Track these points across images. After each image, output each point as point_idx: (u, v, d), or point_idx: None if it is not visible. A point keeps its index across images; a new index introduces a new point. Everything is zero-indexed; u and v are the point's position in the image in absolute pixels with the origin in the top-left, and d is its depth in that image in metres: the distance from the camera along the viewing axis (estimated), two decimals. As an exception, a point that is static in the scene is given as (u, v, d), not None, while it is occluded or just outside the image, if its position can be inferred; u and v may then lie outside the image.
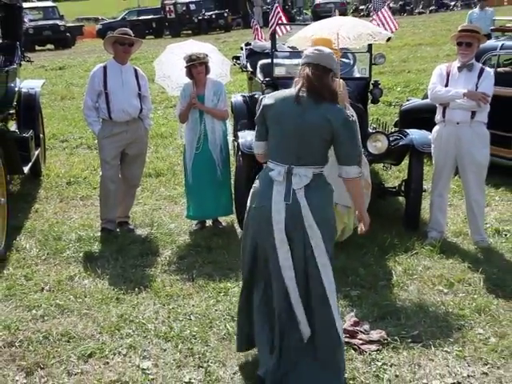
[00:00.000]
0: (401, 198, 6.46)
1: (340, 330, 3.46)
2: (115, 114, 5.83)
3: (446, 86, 5.51)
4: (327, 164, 3.49)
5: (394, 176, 7.44)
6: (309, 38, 5.20)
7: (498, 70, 7.41)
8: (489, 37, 8.47)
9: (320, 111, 3.28)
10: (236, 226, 6.15)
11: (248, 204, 3.57)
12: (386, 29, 6.40)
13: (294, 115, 3.34)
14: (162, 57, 6.58)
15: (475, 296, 4.60)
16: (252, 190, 3.56)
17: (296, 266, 3.40)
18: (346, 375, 3.62)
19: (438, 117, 5.62)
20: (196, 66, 5.82)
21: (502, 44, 7.53)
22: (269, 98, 3.49)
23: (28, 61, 8.50)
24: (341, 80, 5.36)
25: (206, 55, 5.92)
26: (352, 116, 3.40)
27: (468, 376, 3.63)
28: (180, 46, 6.49)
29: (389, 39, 6.10)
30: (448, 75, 5.55)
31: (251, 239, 3.55)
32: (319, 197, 3.37)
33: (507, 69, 7.96)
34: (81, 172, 8.20)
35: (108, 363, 3.84)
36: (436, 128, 5.66)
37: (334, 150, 3.40)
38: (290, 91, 3.43)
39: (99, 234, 5.99)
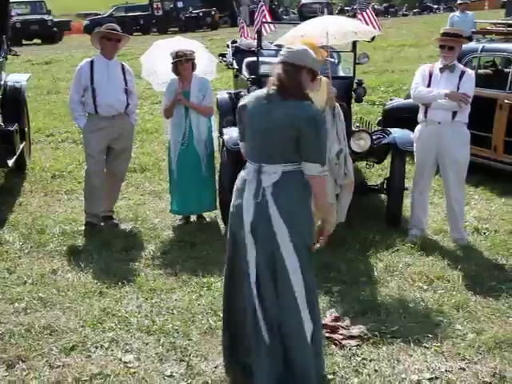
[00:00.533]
0: (383, 196, 6.47)
1: (308, 332, 3.33)
2: (101, 109, 5.78)
3: (429, 86, 5.53)
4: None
5: (377, 174, 7.46)
6: (298, 37, 5.18)
7: (479, 71, 7.46)
8: (470, 39, 8.52)
9: (286, 108, 3.24)
10: (220, 221, 6.13)
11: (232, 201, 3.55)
12: (374, 27, 6.40)
13: (262, 114, 3.31)
14: (148, 53, 6.53)
15: (454, 293, 4.62)
16: (234, 188, 3.55)
17: (265, 265, 3.33)
18: (327, 369, 3.62)
19: (420, 116, 5.64)
20: (182, 63, 5.78)
21: (483, 46, 7.58)
22: (243, 99, 3.49)
23: (14, 54, 8.41)
24: (324, 78, 5.36)
25: (193, 52, 5.89)
26: (319, 112, 3.31)
27: (446, 371, 3.64)
28: (167, 42, 6.46)
29: (373, 39, 6.11)
30: (430, 76, 5.57)
31: (230, 236, 3.53)
32: (288, 194, 3.29)
33: (487, 70, 8.03)
34: (66, 166, 8.13)
35: (90, 356, 3.80)
36: (418, 127, 5.68)
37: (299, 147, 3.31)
38: (262, 91, 3.41)
39: (83, 227, 5.94)
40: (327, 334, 3.99)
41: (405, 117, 6.84)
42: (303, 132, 3.21)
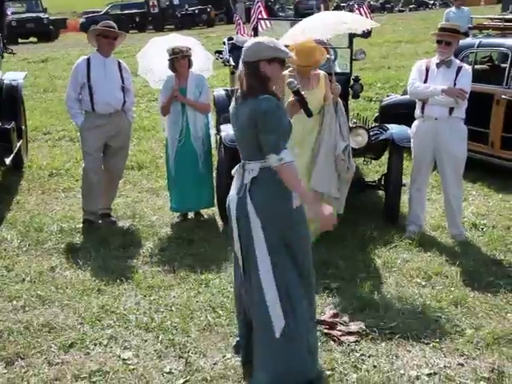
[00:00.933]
0: (380, 192, 6.48)
1: (277, 328, 3.34)
2: (98, 107, 5.77)
3: (425, 81, 5.52)
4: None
5: (374, 170, 7.46)
6: (299, 33, 5.15)
7: (476, 67, 7.46)
8: (466, 35, 8.52)
9: (247, 105, 3.26)
10: (217, 218, 6.12)
11: None
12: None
13: (233, 115, 3.39)
14: (144, 50, 6.51)
15: (452, 289, 4.62)
16: None
17: (245, 260, 3.42)
18: (325, 365, 3.62)
19: (417, 112, 5.64)
20: (179, 60, 5.77)
21: (480, 42, 7.58)
22: (232, 102, 3.51)
23: (10, 53, 8.39)
24: (323, 73, 5.34)
25: (189, 49, 5.88)
26: (273, 104, 3.23)
27: (444, 367, 3.64)
28: (163, 39, 6.44)
29: (369, 34, 6.09)
30: (427, 71, 5.56)
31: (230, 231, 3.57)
32: (264, 191, 3.33)
33: (484, 66, 8.02)
34: (63, 164, 8.13)
35: (89, 353, 3.80)
36: (415, 123, 5.68)
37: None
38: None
39: (81, 225, 5.94)
40: (326, 331, 4.00)
41: (402, 113, 6.84)
42: (258, 125, 3.24)
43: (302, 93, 3.54)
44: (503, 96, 6.99)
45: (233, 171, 3.50)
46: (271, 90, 3.32)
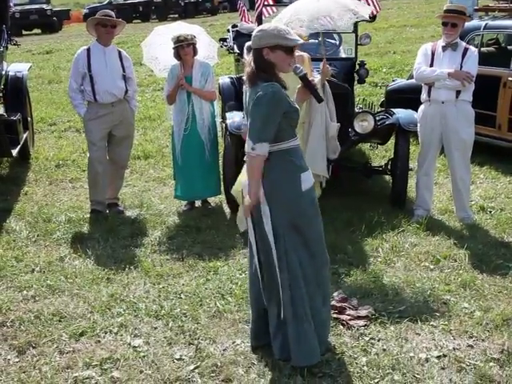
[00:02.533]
0: (387, 177, 6.47)
1: (287, 309, 3.41)
2: (100, 96, 5.78)
3: (431, 65, 5.50)
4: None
5: (381, 155, 7.45)
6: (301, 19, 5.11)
7: (482, 49, 7.41)
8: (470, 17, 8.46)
9: (253, 91, 3.31)
10: (225, 206, 6.14)
11: None
12: (369, 4, 6.34)
13: (245, 96, 3.44)
14: (149, 39, 6.50)
15: (461, 271, 4.63)
16: None
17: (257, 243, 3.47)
18: (334, 350, 3.64)
19: (423, 96, 5.62)
20: (183, 47, 5.76)
21: (486, 24, 7.51)
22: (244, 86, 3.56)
23: (15, 44, 8.38)
24: (305, 54, 5.29)
25: (194, 36, 5.86)
26: (267, 93, 3.24)
27: (454, 349, 3.65)
28: (168, 27, 6.43)
29: (374, 18, 6.06)
30: (433, 55, 5.53)
31: None
32: (271, 175, 3.34)
33: (491, 48, 7.97)
34: (69, 155, 8.15)
35: (99, 341, 3.83)
36: (422, 107, 5.66)
37: None
38: None
39: (89, 215, 5.96)
40: (335, 315, 4.00)
41: (408, 97, 6.82)
42: (250, 109, 3.31)
43: (311, 78, 3.52)
44: (510, 78, 6.95)
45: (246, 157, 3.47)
46: (276, 77, 3.33)
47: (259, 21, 6.80)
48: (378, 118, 5.97)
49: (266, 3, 7.55)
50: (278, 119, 3.28)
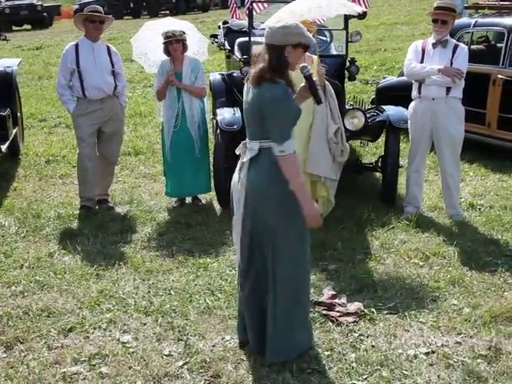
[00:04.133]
0: (378, 174, 6.48)
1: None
2: (89, 92, 5.75)
3: (422, 62, 5.50)
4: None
5: (371, 152, 7.46)
6: (298, 14, 5.10)
7: (472, 47, 7.42)
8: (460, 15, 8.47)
9: (257, 89, 3.25)
10: (215, 203, 6.13)
11: None
12: (360, 5, 6.35)
13: (245, 93, 3.38)
14: (139, 34, 6.47)
15: (450, 268, 4.64)
16: None
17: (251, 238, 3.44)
18: (324, 345, 3.65)
19: (413, 93, 5.63)
20: (172, 43, 5.74)
21: (476, 21, 7.54)
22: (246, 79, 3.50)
23: (4, 39, 8.36)
24: (315, 56, 5.33)
25: (183, 32, 5.84)
26: (282, 94, 3.23)
27: (442, 345, 3.66)
28: (158, 22, 6.40)
29: (365, 15, 6.05)
30: (423, 51, 5.54)
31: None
32: (258, 172, 3.32)
33: (480, 46, 7.99)
34: (59, 151, 8.11)
35: (88, 337, 3.82)
36: (412, 104, 5.67)
37: None
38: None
39: (78, 211, 5.94)
40: (324, 312, 4.02)
41: (398, 94, 6.82)
42: (264, 112, 3.23)
43: (314, 79, 3.50)
44: (499, 76, 6.97)
45: (237, 150, 3.48)
46: (288, 77, 3.29)
47: (250, 16, 6.78)
48: (368, 115, 5.96)
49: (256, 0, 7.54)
50: (293, 119, 3.28)
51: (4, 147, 6.86)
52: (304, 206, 3.29)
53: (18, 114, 8.00)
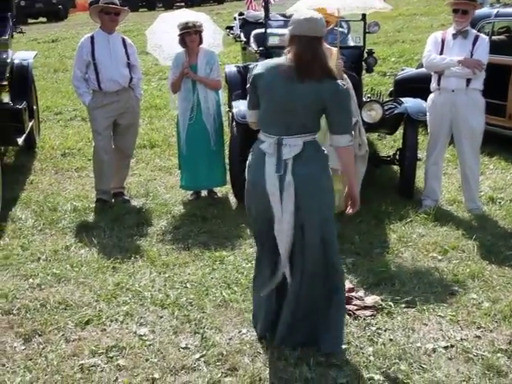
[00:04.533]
0: (395, 167, 6.46)
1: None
2: (105, 84, 5.79)
3: (441, 53, 5.47)
4: (321, 130, 3.46)
5: (389, 145, 7.44)
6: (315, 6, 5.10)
7: (493, 38, 7.36)
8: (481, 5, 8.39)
9: (310, 85, 3.22)
10: (231, 196, 6.15)
11: (246, 177, 3.55)
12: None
13: (283, 86, 3.28)
14: (153, 26, 6.49)
15: (469, 262, 4.62)
16: (247, 163, 3.54)
17: (295, 236, 3.39)
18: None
19: (433, 85, 5.60)
20: (190, 34, 5.74)
21: (497, 11, 7.46)
22: (259, 67, 3.45)
23: (20, 32, 8.39)
24: (335, 49, 5.31)
25: (201, 24, 5.85)
26: (344, 85, 3.33)
27: (461, 339, 3.66)
28: (173, 14, 6.42)
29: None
30: (443, 42, 5.51)
31: (255, 213, 3.53)
32: (311, 166, 3.32)
33: (502, 37, 7.91)
34: (75, 144, 8.17)
35: (105, 330, 3.85)
36: (431, 96, 5.65)
37: (326, 120, 3.37)
38: (280, 61, 3.36)
39: (94, 204, 5.98)
40: (341, 305, 4.02)
41: (417, 87, 6.79)
42: (331, 107, 3.26)
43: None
44: (521, 67, 6.90)
45: (263, 147, 3.38)
46: (333, 72, 3.32)
47: (266, 8, 6.78)
48: (386, 108, 5.95)
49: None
50: None
51: (20, 140, 6.92)
52: (353, 189, 3.52)
53: (34, 107, 8.07)
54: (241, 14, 9.10)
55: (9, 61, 7.62)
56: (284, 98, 3.29)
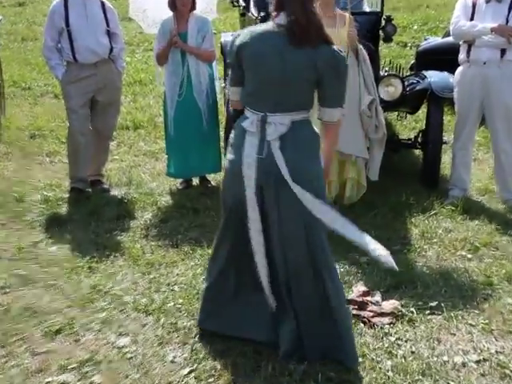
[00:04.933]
0: (417, 152, 6.48)
1: (341, 305, 3.49)
2: (81, 55, 5.73)
3: (472, 19, 5.46)
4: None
5: (410, 127, 7.47)
6: None
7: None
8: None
9: (305, 52, 3.20)
10: (226, 184, 6.10)
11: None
12: None
13: (273, 55, 3.25)
14: (137, -14, 6.41)
15: (503, 262, 4.62)
16: (229, 141, 3.55)
17: (271, 229, 3.39)
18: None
19: (461, 56, 5.59)
20: (182, -4, 5.68)
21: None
22: (242, 36, 3.38)
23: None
24: (347, 14, 5.27)
25: (195, -15, 5.79)
26: (341, 51, 3.30)
27: (496, 352, 3.62)
28: (161, -27, 6.33)
29: None
30: (474, 7, 5.51)
31: (229, 196, 3.54)
32: (298, 149, 3.29)
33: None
34: (46, 124, 8.20)
35: (78, 340, 3.81)
36: (459, 69, 5.65)
37: (317, 91, 3.35)
38: (268, 27, 3.32)
39: (68, 194, 5.98)
40: (354, 312, 3.99)
41: (443, 59, 6.78)
42: (325, 75, 3.22)
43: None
44: None
45: (244, 125, 3.37)
46: (330, 38, 3.28)
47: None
48: (406, 83, 5.96)
49: None
50: None
51: (-19, 120, 6.88)
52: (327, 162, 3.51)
53: (-2, 82, 8.02)
54: (238, -26, 9.02)
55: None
56: (275, 69, 3.25)
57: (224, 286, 3.67)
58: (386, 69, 7.26)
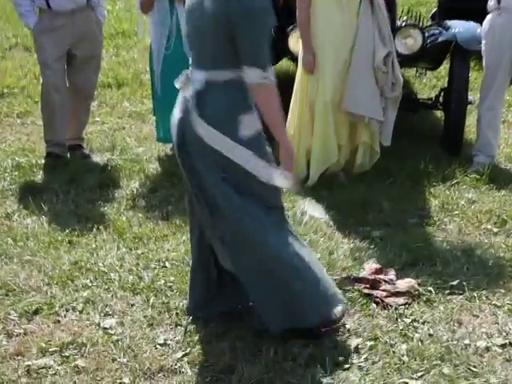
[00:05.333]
0: (439, 113, 6.47)
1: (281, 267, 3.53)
2: (55, 1, 5.72)
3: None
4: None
5: (430, 85, 7.42)
6: None
7: None
8: None
9: (218, 1, 3.21)
10: (222, 149, 6.13)
11: None
12: None
13: (195, 7, 3.34)
14: None
15: (533, 236, 4.66)
16: None
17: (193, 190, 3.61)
18: (366, 334, 3.68)
19: (491, 3, 5.57)
20: None
21: None
22: None
23: None
24: None
25: None
26: (261, 5, 3.21)
27: (523, 336, 3.68)
28: None
29: None
30: None
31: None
32: (215, 110, 3.35)
33: None
34: (17, 81, 8.19)
35: (59, 321, 3.86)
36: (488, 18, 5.62)
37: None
38: None
39: (44, 160, 6.00)
40: (366, 291, 4.04)
41: (469, 6, 6.72)
42: (238, 28, 3.20)
43: None
44: None
45: (176, 81, 3.55)
46: None
47: None
48: (427, 34, 5.95)
49: None
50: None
51: None
52: (284, 143, 3.40)
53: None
54: None
55: None
56: (194, 21, 3.38)
57: (202, 261, 3.80)
58: (405, 18, 7.25)
